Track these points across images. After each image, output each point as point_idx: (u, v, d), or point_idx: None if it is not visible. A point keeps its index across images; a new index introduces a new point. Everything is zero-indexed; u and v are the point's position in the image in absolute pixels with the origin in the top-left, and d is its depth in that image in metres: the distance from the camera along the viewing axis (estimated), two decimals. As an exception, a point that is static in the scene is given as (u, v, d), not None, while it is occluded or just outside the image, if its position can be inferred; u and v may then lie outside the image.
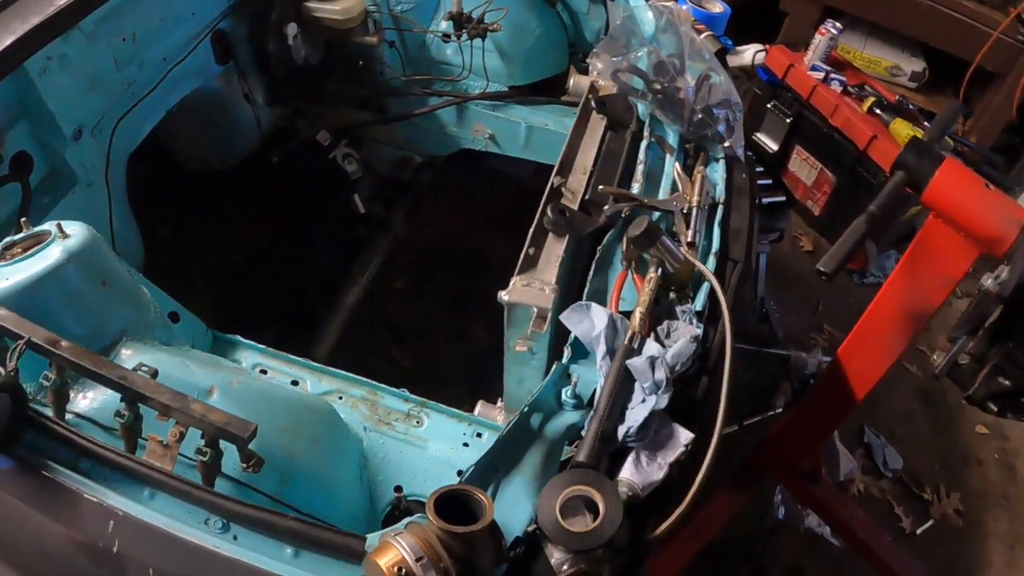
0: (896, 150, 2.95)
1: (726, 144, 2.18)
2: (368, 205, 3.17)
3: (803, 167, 3.35)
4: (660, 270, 1.79)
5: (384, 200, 3.25)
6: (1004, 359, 1.75)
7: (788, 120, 3.33)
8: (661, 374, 1.58)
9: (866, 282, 4.06)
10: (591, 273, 1.85)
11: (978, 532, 3.44)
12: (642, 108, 2.29)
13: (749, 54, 3.47)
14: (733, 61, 3.48)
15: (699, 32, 2.53)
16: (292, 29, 2.69)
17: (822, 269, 1.69)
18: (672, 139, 2.20)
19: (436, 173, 3.27)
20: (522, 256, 1.83)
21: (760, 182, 2.96)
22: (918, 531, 3.36)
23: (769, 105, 3.37)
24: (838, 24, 3.36)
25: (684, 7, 2.72)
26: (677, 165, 2.07)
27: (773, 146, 3.39)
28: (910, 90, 4.54)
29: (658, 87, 2.19)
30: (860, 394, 2.28)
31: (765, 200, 2.83)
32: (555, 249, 1.86)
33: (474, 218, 3.68)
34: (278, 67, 2.79)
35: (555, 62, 2.96)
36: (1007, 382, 1.77)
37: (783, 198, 2.87)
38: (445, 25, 2.73)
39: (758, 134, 3.41)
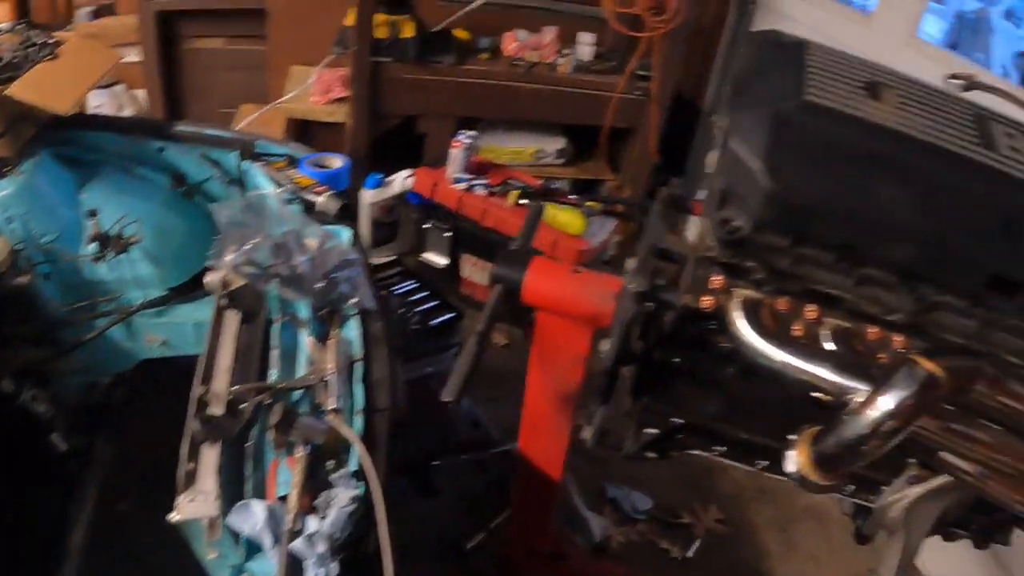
0: (546, 231, 3.23)
1: (355, 300, 2.33)
2: (69, 440, 3.08)
3: (475, 271, 3.60)
4: (309, 446, 1.89)
5: (84, 430, 3.16)
6: (643, 412, 1.90)
7: (447, 234, 3.57)
8: (321, 548, 1.69)
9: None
10: (248, 469, 1.93)
11: (747, 530, 3.70)
12: (272, 291, 2.39)
13: (398, 182, 3.70)
14: (385, 192, 3.70)
15: (319, 194, 2.69)
16: (-58, 287, 2.64)
17: (446, 399, 1.86)
18: (304, 313, 2.31)
19: (126, 388, 3.24)
20: (183, 475, 1.89)
21: (427, 305, 3.16)
22: (689, 554, 3.56)
23: (426, 225, 3.60)
24: (471, 132, 3.65)
25: (303, 174, 2.87)
26: (310, 339, 2.19)
27: (442, 261, 3.61)
28: (559, 166, 4.95)
29: (277, 269, 2.31)
30: (556, 473, 2.47)
31: (435, 321, 3.02)
32: (210, 457, 1.92)
33: (178, 421, 3.63)
34: (-65, 330, 2.71)
35: (207, 252, 3.03)
36: (655, 430, 1.92)
37: (454, 314, 3.07)
38: (92, 247, 2.76)
39: (425, 254, 3.63)
